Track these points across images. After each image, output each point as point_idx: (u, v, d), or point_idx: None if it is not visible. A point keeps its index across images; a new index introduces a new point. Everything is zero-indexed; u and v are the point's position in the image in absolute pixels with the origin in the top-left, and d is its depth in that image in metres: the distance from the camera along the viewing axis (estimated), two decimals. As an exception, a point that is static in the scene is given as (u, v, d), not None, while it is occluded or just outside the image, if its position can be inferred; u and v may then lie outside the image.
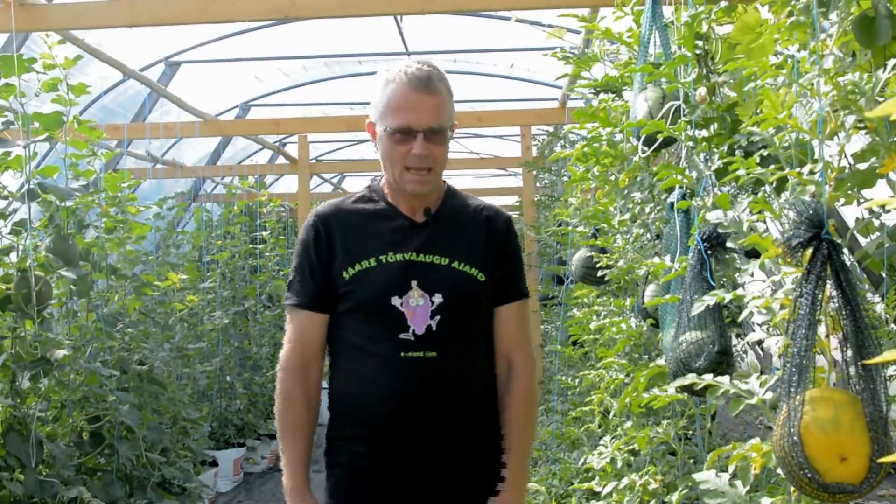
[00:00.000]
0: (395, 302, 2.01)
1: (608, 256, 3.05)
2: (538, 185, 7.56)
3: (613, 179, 2.68)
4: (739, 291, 1.58)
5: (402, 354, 1.99)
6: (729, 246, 1.84)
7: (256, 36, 6.43)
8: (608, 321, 3.18)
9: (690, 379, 1.61)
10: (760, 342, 1.51)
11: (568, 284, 5.55)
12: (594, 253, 3.28)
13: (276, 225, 8.10)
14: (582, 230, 3.67)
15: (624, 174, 2.60)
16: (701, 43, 2.27)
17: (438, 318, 2.01)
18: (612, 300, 3.36)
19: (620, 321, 3.03)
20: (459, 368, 2.05)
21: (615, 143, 2.57)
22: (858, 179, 1.57)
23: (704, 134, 2.17)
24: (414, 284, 2.02)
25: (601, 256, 3.10)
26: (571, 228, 4.08)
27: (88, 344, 3.83)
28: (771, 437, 1.35)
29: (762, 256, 1.47)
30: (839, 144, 1.49)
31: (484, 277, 2.07)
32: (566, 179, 5.56)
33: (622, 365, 2.94)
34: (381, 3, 3.82)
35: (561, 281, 6.62)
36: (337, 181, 13.83)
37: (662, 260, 2.18)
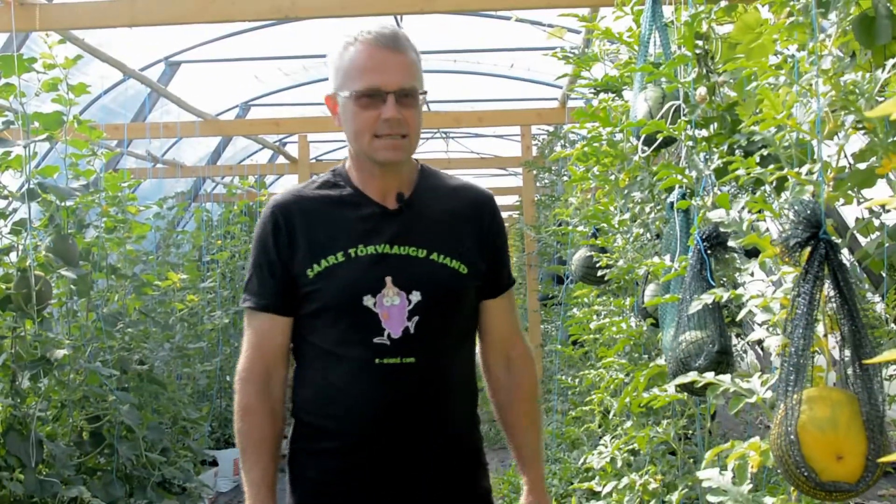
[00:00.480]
0: (367, 302, 1.76)
1: (608, 256, 3.05)
2: (538, 184, 7.56)
3: (613, 179, 2.68)
4: (738, 291, 1.58)
5: (376, 361, 1.76)
6: (729, 245, 1.84)
7: (256, 36, 6.43)
8: (608, 321, 3.18)
9: (691, 377, 1.61)
10: (760, 341, 1.51)
11: (568, 284, 5.56)
12: (594, 252, 3.28)
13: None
14: (582, 230, 3.67)
15: (624, 174, 2.60)
16: (701, 43, 2.27)
17: (417, 318, 1.77)
18: (612, 300, 3.36)
19: (620, 321, 3.02)
20: (441, 375, 1.82)
21: (615, 142, 2.56)
22: (858, 179, 1.57)
23: (704, 134, 2.17)
24: (388, 281, 1.77)
25: (601, 256, 3.10)
26: (571, 228, 4.08)
27: (88, 344, 3.83)
28: (769, 435, 1.35)
29: (761, 256, 1.47)
30: (838, 144, 1.49)
31: (467, 270, 1.83)
32: (566, 179, 5.56)
33: (622, 364, 2.93)
34: (381, 2, 3.82)
35: (561, 280, 6.62)
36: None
37: (662, 259, 2.18)
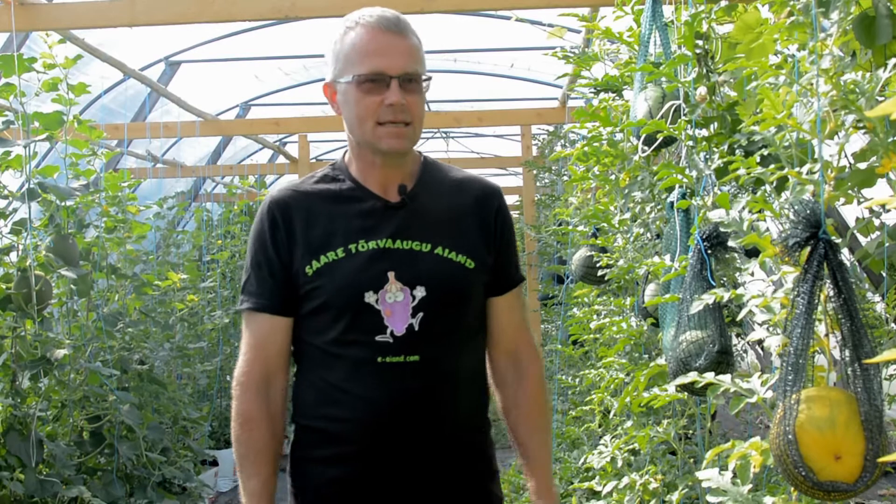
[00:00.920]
0: (369, 299, 1.70)
1: (608, 256, 3.05)
2: (538, 184, 7.56)
3: (613, 179, 2.68)
4: (739, 290, 1.58)
5: (377, 360, 1.70)
6: (729, 245, 1.83)
7: (256, 36, 6.43)
8: (608, 320, 3.18)
9: (691, 377, 1.61)
10: (760, 341, 1.50)
11: (568, 284, 5.55)
12: (594, 252, 3.28)
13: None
14: (582, 229, 3.67)
15: (624, 174, 2.60)
16: (701, 42, 2.27)
17: (421, 315, 1.71)
18: (612, 299, 3.36)
19: (620, 320, 3.02)
20: (447, 375, 1.76)
21: (615, 142, 2.56)
22: (858, 179, 1.56)
23: (704, 133, 2.17)
24: (391, 277, 1.71)
25: (601, 256, 3.10)
26: (572, 228, 4.08)
27: (89, 343, 3.83)
28: (769, 435, 1.35)
29: (761, 255, 1.47)
30: (839, 144, 1.49)
31: (474, 265, 1.77)
32: (566, 179, 5.56)
33: (622, 364, 2.93)
34: (381, 2, 3.81)
35: (561, 280, 6.62)
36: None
37: (662, 259, 2.18)
